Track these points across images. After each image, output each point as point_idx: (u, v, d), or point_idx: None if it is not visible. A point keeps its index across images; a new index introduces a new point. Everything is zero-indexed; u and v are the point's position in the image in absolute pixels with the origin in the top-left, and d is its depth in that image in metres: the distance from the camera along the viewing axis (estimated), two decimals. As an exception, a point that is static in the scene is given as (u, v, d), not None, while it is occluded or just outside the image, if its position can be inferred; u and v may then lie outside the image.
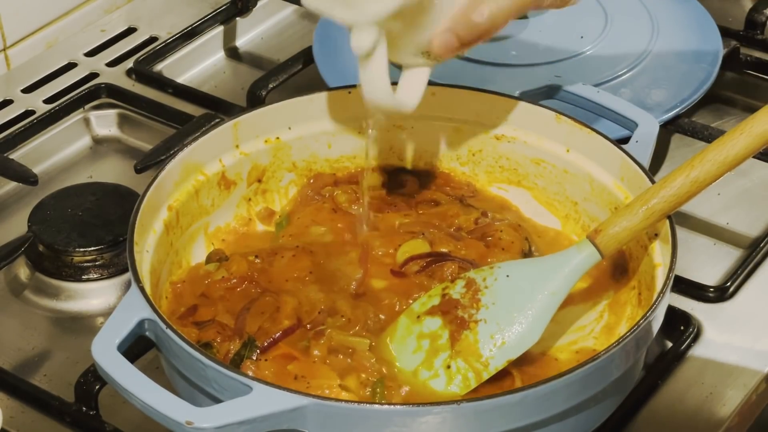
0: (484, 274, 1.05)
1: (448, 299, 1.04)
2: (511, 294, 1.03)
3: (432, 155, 1.22)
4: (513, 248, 1.11)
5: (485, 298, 1.03)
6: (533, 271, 1.04)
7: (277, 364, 1.01)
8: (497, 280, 1.04)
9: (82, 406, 1.06)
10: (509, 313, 1.02)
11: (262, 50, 1.52)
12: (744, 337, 1.13)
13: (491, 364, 1.01)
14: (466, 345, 1.02)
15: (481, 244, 1.10)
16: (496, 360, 1.01)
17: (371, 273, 1.08)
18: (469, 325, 1.02)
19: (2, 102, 1.42)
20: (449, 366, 1.01)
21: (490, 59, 1.34)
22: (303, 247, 1.11)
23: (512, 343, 1.02)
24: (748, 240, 1.24)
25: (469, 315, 1.03)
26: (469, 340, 1.02)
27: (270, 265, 1.09)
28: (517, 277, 1.04)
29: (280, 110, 1.18)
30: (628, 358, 0.98)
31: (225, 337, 1.04)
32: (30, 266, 1.21)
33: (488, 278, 1.04)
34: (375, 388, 1.00)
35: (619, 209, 1.06)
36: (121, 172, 1.33)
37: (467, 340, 1.02)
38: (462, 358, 1.01)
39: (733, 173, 1.31)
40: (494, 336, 1.02)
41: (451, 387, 1.01)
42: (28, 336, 1.16)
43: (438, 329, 1.03)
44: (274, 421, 0.91)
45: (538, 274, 1.03)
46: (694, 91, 1.31)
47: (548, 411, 0.94)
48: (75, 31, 1.52)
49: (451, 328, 1.02)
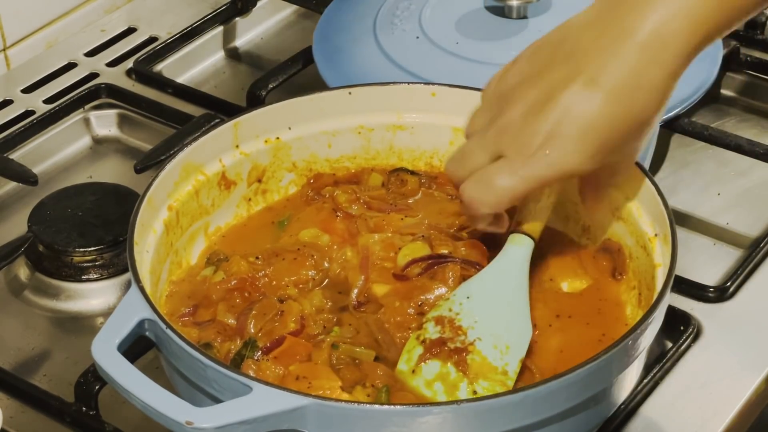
0: (447, 305, 1.03)
1: (431, 342, 1.02)
2: (484, 308, 1.03)
3: (432, 155, 1.22)
4: None
5: (465, 322, 1.02)
6: (488, 281, 1.05)
7: (278, 365, 1.01)
8: (462, 305, 1.03)
9: (82, 406, 1.06)
10: (495, 322, 1.02)
11: (262, 50, 1.52)
12: (744, 337, 1.13)
13: (509, 370, 1.01)
14: (478, 366, 1.00)
15: (481, 245, 1.10)
16: (511, 364, 1.01)
17: (372, 278, 1.07)
18: (469, 349, 1.01)
19: (2, 102, 1.42)
20: (475, 392, 1.00)
21: (490, 59, 1.33)
22: (303, 250, 1.11)
23: (515, 343, 1.02)
24: (748, 240, 1.24)
25: (462, 342, 1.01)
26: (477, 362, 1.01)
27: (270, 266, 1.09)
28: (478, 293, 1.04)
29: (280, 110, 1.18)
30: (628, 359, 0.98)
31: (225, 337, 1.04)
32: (30, 266, 1.21)
33: (453, 307, 1.03)
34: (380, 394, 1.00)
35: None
36: (121, 172, 1.33)
37: (476, 362, 1.01)
38: (482, 378, 1.00)
39: (733, 173, 1.31)
40: (497, 345, 1.01)
41: None
42: (28, 336, 1.16)
43: (441, 369, 1.01)
44: (274, 421, 0.91)
45: (495, 282, 1.04)
46: (694, 91, 1.31)
47: (548, 411, 0.94)
48: (75, 31, 1.52)
49: (454, 360, 1.01)
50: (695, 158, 1.33)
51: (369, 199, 1.16)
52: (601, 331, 1.07)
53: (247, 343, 1.02)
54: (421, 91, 1.19)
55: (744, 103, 1.42)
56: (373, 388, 1.00)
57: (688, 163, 1.33)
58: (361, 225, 1.13)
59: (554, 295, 1.10)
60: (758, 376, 1.10)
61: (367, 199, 1.16)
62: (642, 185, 1.09)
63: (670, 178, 1.30)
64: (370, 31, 1.38)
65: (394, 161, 1.22)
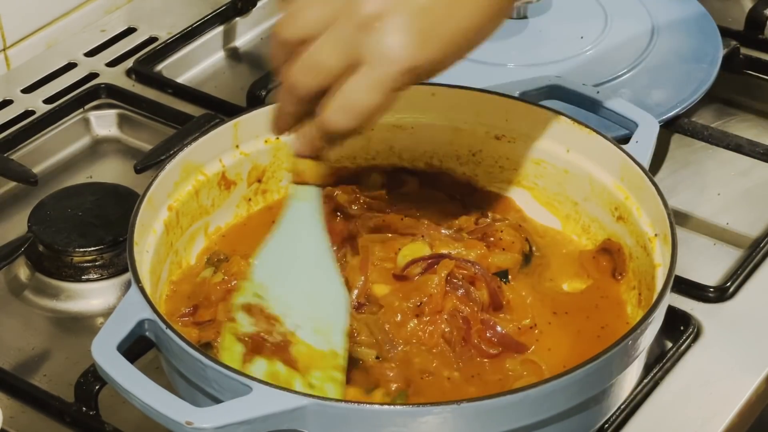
0: (247, 290, 0.99)
1: (250, 339, 0.98)
2: (289, 287, 0.98)
3: (432, 155, 1.22)
4: (513, 248, 1.11)
5: (277, 309, 0.98)
6: (283, 253, 0.99)
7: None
8: (267, 288, 0.98)
9: (82, 406, 1.06)
10: (308, 301, 0.97)
11: (262, 50, 1.52)
12: (744, 337, 1.13)
13: (338, 349, 0.97)
14: (306, 357, 0.97)
15: (481, 245, 1.10)
16: (337, 342, 0.97)
17: (372, 278, 1.07)
18: (291, 340, 0.97)
19: (2, 102, 1.42)
20: (311, 384, 0.97)
21: (490, 59, 1.34)
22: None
23: (333, 315, 0.98)
24: (748, 240, 1.24)
25: (281, 335, 0.97)
26: (304, 352, 0.97)
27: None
28: (277, 271, 0.98)
29: (280, 110, 1.18)
30: (628, 359, 0.98)
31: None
32: (30, 266, 1.21)
33: (258, 291, 0.98)
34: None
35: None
36: (121, 172, 1.34)
37: (302, 353, 0.97)
38: (313, 369, 0.96)
39: (733, 173, 1.31)
40: (318, 329, 0.97)
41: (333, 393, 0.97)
42: (28, 336, 1.16)
43: (269, 368, 0.97)
44: (274, 422, 0.91)
45: (290, 251, 0.99)
46: (694, 91, 1.31)
47: (548, 411, 0.94)
48: (75, 31, 1.52)
49: (280, 357, 0.97)
50: (695, 158, 1.33)
51: (369, 200, 1.16)
52: (601, 325, 1.07)
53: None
54: (421, 91, 1.19)
55: (744, 103, 1.42)
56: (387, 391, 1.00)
57: (688, 163, 1.33)
58: (360, 225, 1.13)
59: (554, 294, 1.10)
60: (758, 376, 1.10)
61: (367, 199, 1.16)
62: (642, 185, 1.09)
63: (670, 178, 1.30)
64: (370, 31, 1.38)
65: (394, 161, 1.22)
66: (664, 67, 1.34)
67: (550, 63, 1.34)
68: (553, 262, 1.13)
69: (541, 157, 1.18)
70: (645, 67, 1.34)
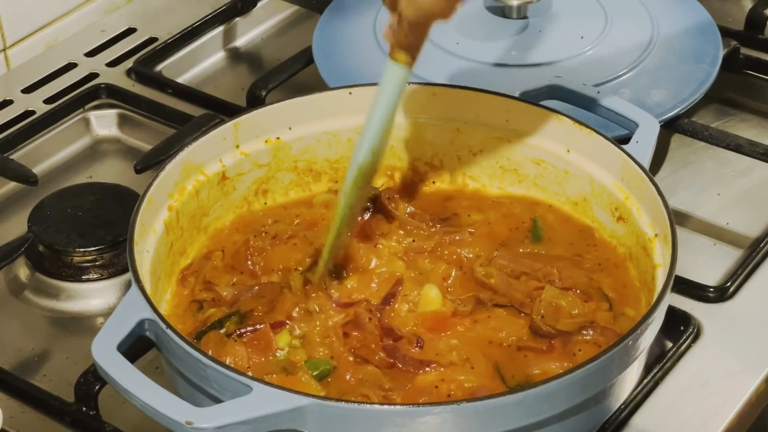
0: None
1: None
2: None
3: (432, 155, 1.22)
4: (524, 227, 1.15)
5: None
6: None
7: (248, 348, 1.02)
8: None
9: (82, 406, 1.06)
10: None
11: (262, 50, 1.52)
12: (744, 337, 1.13)
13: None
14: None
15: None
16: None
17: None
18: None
19: (2, 102, 1.42)
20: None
21: (490, 59, 1.34)
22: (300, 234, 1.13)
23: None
24: (748, 240, 1.24)
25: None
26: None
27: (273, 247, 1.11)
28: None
29: (280, 110, 1.18)
30: (628, 359, 0.98)
31: (214, 304, 1.06)
32: (30, 266, 1.21)
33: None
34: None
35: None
36: (121, 172, 1.34)
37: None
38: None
39: (733, 173, 1.31)
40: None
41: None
42: (28, 336, 1.16)
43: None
44: (274, 421, 0.91)
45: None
46: (694, 91, 1.31)
47: (548, 411, 0.94)
48: (75, 31, 1.52)
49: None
50: (695, 158, 1.33)
51: (414, 210, 1.16)
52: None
53: (232, 314, 1.04)
54: (421, 91, 1.19)
55: (744, 103, 1.42)
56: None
57: (688, 163, 1.33)
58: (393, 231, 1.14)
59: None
60: (758, 376, 1.10)
61: (412, 209, 1.16)
62: (642, 185, 1.09)
63: (670, 178, 1.30)
64: (370, 31, 1.38)
65: (394, 161, 1.22)
66: (664, 67, 1.34)
67: (550, 63, 1.34)
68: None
69: (541, 157, 1.18)
70: (645, 67, 1.34)
